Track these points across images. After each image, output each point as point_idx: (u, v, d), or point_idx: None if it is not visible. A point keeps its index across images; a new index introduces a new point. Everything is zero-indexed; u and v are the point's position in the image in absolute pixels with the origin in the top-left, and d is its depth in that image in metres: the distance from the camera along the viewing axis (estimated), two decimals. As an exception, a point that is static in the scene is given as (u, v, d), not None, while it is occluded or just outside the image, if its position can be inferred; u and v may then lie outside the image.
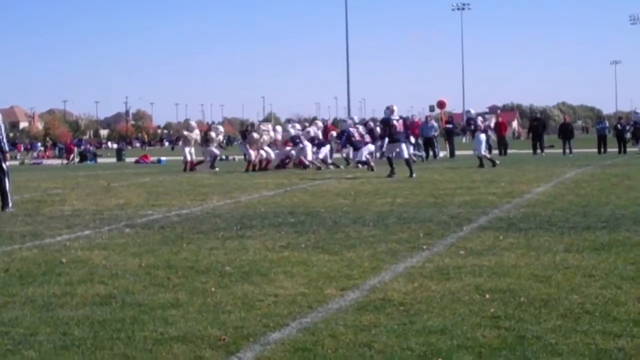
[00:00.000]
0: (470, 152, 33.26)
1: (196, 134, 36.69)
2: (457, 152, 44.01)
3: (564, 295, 7.92)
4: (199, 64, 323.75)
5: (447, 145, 44.76)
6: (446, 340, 6.46)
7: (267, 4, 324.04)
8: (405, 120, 30.13)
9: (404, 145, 26.71)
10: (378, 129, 32.85)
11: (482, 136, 31.97)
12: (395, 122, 26.78)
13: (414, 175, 25.79)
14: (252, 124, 38.46)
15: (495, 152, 44.55)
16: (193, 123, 38.27)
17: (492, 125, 41.82)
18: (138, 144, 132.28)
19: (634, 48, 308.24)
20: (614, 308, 7.36)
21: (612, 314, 7.16)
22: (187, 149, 35.59)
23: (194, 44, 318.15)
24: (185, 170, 35.00)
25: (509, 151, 45.89)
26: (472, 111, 35.96)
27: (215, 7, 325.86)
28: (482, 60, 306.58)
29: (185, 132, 36.47)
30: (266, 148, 33.66)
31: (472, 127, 32.67)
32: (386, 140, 27.34)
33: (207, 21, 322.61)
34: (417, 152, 36.44)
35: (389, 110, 26.70)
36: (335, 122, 74.39)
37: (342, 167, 33.69)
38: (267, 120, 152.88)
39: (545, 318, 7.08)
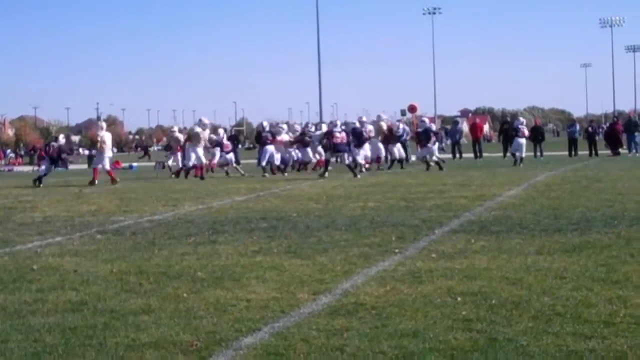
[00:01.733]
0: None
1: (207, 133, 33.74)
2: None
3: (535, 297, 7.96)
4: (171, 69, 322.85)
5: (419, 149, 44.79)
6: (418, 343, 6.47)
7: (238, 9, 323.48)
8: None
9: (345, 155, 30.18)
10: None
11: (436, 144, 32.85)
12: (337, 133, 29.98)
13: (358, 176, 28.49)
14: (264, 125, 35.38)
15: (470, 155, 44.75)
16: (206, 120, 34.63)
17: (467, 128, 42.11)
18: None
19: (603, 51, 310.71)
20: (585, 310, 7.40)
21: (583, 315, 7.20)
22: (196, 150, 32.04)
23: (165, 50, 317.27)
24: (186, 175, 32.06)
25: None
26: (427, 120, 36.19)
27: (187, 13, 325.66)
28: (454, 64, 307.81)
29: (198, 129, 33.03)
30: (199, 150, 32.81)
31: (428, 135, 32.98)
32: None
33: (179, 27, 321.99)
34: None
35: (332, 124, 31.80)
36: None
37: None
38: (239, 125, 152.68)
39: (516, 320, 7.11)
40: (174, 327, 7.21)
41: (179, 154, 34.91)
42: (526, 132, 36.00)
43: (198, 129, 33.20)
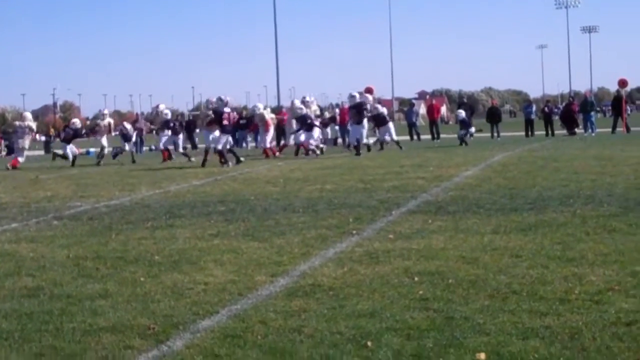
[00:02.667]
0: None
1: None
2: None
3: (491, 276, 8.01)
4: (127, 54, 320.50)
5: (377, 131, 44.82)
6: (375, 323, 6.50)
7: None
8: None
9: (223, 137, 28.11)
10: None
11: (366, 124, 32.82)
12: (226, 114, 28.27)
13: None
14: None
15: (428, 136, 44.88)
16: (228, 98, 29.62)
17: (424, 110, 42.28)
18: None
19: (559, 32, 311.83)
20: (541, 287, 7.47)
21: (538, 293, 7.27)
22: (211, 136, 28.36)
23: (121, 34, 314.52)
24: (204, 164, 27.92)
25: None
26: (357, 95, 34.13)
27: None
28: (411, 46, 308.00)
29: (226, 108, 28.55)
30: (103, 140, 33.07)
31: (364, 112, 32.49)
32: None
33: (135, 10, 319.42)
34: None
35: (223, 102, 28.92)
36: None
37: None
38: (197, 109, 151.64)
39: (473, 299, 7.16)
40: (131, 312, 7.20)
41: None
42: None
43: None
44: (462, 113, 39.09)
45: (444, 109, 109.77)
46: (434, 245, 9.81)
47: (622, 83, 46.01)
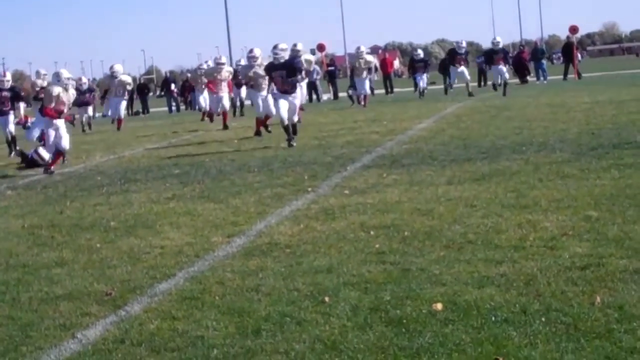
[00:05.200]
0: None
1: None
2: (340, 94, 44.08)
3: (446, 226, 8.07)
4: (75, 19, 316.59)
5: (331, 88, 44.78)
6: (332, 278, 6.53)
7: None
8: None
9: None
10: None
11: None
12: None
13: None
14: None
15: (382, 91, 44.84)
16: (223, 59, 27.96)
17: (378, 64, 41.93)
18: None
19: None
20: (495, 236, 7.53)
21: (493, 241, 7.33)
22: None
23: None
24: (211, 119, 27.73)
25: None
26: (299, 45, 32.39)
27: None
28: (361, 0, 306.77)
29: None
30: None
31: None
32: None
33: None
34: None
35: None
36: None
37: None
38: (149, 73, 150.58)
39: (428, 250, 7.21)
40: (88, 278, 7.18)
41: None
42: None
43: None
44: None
45: (397, 63, 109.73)
46: (389, 199, 9.85)
47: (573, 30, 46.16)
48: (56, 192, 13.02)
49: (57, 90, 16.40)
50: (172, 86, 46.51)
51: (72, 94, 16.98)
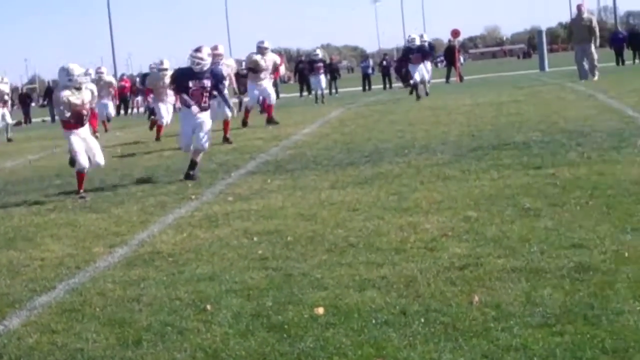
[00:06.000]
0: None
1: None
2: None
3: (329, 230, 8.12)
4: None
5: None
6: (215, 286, 6.51)
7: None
8: None
9: None
10: None
11: None
12: None
13: None
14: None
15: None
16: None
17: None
18: None
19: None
20: (377, 239, 7.61)
21: (375, 244, 7.40)
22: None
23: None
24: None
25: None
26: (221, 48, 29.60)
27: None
28: (247, 4, 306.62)
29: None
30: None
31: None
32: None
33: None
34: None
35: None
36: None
37: None
38: (31, 82, 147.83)
39: (311, 254, 7.24)
40: (-35, 293, 7.02)
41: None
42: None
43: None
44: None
45: (282, 69, 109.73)
46: (272, 205, 9.86)
47: (455, 34, 46.89)
48: None
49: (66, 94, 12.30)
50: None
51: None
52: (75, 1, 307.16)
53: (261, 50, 22.14)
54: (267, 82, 22.49)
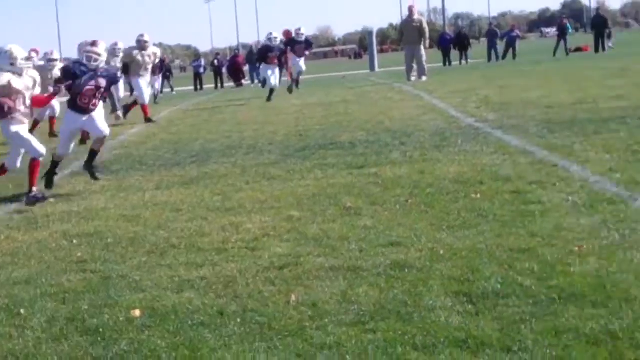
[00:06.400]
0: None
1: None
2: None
3: (150, 232, 8.05)
4: None
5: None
6: (30, 290, 6.38)
7: None
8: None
9: None
10: None
11: None
12: None
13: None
14: None
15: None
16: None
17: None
18: None
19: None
20: (199, 239, 7.58)
21: (196, 245, 7.38)
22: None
23: None
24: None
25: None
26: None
27: None
28: (77, 8, 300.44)
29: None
30: None
31: None
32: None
33: None
34: None
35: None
36: None
37: None
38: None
39: (131, 256, 7.17)
40: None
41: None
42: None
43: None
44: None
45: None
46: (94, 206, 9.71)
47: (286, 34, 47.17)
48: None
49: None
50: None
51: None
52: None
53: (141, 44, 21.49)
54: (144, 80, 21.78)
